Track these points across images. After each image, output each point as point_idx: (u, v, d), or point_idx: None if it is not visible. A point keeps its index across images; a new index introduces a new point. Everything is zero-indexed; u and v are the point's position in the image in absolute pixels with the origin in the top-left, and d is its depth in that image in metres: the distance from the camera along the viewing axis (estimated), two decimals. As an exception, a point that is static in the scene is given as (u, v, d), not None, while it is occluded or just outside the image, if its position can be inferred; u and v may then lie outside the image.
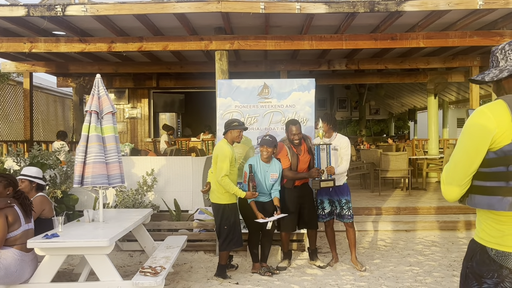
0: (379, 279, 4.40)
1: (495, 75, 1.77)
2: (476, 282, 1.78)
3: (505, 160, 1.63)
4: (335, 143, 4.74)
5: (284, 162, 4.64)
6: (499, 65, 1.81)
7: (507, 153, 1.63)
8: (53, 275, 3.36)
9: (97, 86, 4.04)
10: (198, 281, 4.38)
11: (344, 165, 4.66)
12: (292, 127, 4.61)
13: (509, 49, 1.77)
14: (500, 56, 1.81)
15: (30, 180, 4.07)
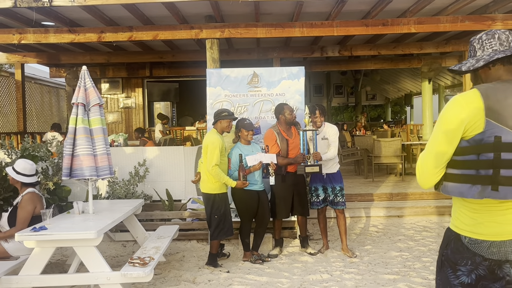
0: (368, 265, 4.45)
1: (472, 65, 1.79)
2: (451, 269, 1.81)
3: (476, 148, 1.65)
4: (325, 130, 4.77)
5: (274, 148, 4.66)
6: (476, 54, 1.82)
7: (478, 142, 1.64)
8: (42, 267, 3.39)
9: (83, 78, 4.01)
10: (189, 270, 4.43)
11: (332, 151, 4.69)
12: (286, 109, 4.73)
13: (486, 39, 1.79)
14: (477, 46, 1.82)
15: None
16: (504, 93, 1.64)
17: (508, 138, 1.59)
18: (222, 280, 4.11)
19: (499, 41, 1.74)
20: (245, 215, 4.62)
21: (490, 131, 1.61)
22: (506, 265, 1.71)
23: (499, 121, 1.60)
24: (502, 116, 1.60)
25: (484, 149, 1.62)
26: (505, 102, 1.62)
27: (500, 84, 1.69)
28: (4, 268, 3.43)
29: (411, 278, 4.04)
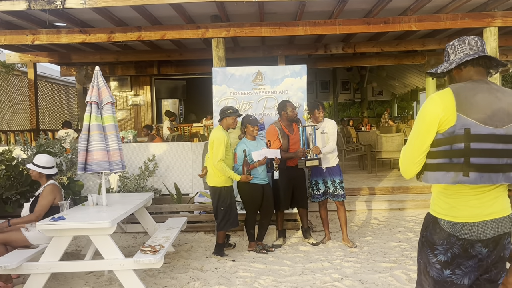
0: (367, 255, 4.66)
1: (446, 67, 2.01)
2: (430, 249, 2.03)
3: (449, 140, 1.86)
4: (324, 125, 4.98)
5: (275, 144, 4.88)
6: (450, 58, 2.04)
7: (451, 134, 1.85)
8: (61, 255, 3.65)
9: (96, 77, 4.26)
10: (197, 259, 4.67)
11: (331, 144, 4.90)
12: (289, 106, 4.94)
13: (458, 45, 2.01)
14: (450, 51, 2.04)
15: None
16: (473, 91, 1.86)
17: (477, 130, 1.81)
18: (228, 268, 4.35)
19: (469, 46, 1.95)
20: (250, 207, 4.85)
21: (460, 124, 1.82)
22: (478, 244, 1.92)
23: (468, 115, 1.81)
24: (470, 111, 1.82)
25: (456, 140, 1.84)
26: (473, 99, 1.83)
27: (470, 83, 1.90)
28: (25, 255, 3.69)
29: (407, 266, 4.24)
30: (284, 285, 3.80)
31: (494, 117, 1.81)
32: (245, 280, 3.97)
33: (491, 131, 1.81)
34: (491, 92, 1.86)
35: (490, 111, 1.82)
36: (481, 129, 1.80)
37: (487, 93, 1.86)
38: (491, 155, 1.82)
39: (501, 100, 1.85)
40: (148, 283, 3.90)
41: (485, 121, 1.81)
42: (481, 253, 1.93)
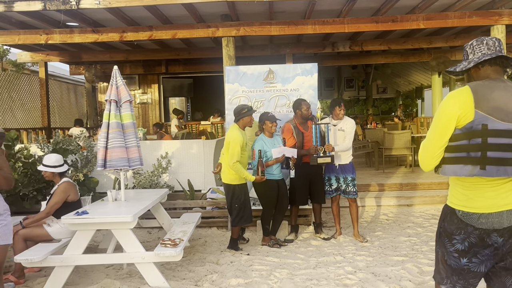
0: (378, 249, 4.77)
1: (464, 66, 2.12)
2: (448, 239, 2.14)
3: (467, 135, 1.97)
4: (342, 124, 5.08)
5: (290, 141, 4.99)
6: (468, 58, 2.14)
7: (469, 129, 1.96)
8: (84, 248, 3.78)
9: (115, 77, 4.38)
10: (212, 253, 4.79)
11: (346, 143, 5.00)
12: (304, 104, 5.04)
13: (476, 45, 2.11)
14: (469, 51, 2.15)
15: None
16: (490, 89, 1.96)
17: (493, 126, 1.91)
18: (243, 261, 4.46)
19: (487, 46, 2.05)
20: (267, 203, 4.95)
21: (478, 120, 1.92)
22: (494, 234, 2.02)
23: (485, 111, 1.92)
24: (488, 107, 1.92)
25: (473, 135, 1.94)
26: (491, 96, 1.94)
27: (488, 82, 2.01)
28: (49, 249, 3.82)
29: (418, 259, 4.35)
30: (299, 278, 3.91)
31: (511, 114, 1.92)
32: (261, 273, 4.08)
33: (508, 127, 1.91)
34: (508, 90, 1.97)
35: (506, 108, 1.92)
36: (498, 125, 1.91)
37: (504, 91, 1.96)
38: (507, 149, 1.92)
39: None
40: (167, 276, 4.02)
41: (502, 118, 1.91)
42: (496, 242, 2.04)
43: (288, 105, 5.72)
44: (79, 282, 4.03)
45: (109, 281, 3.85)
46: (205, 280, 3.93)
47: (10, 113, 9.89)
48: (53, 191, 4.29)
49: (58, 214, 4.05)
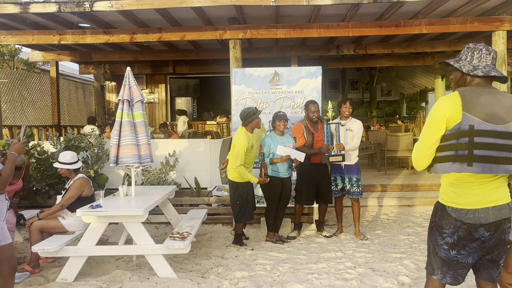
0: (378, 246, 4.95)
1: (470, 70, 2.24)
2: (438, 232, 2.33)
3: (456, 135, 2.17)
4: (350, 124, 5.26)
5: (300, 140, 5.17)
6: (473, 62, 2.26)
7: (457, 130, 2.16)
8: (97, 240, 3.98)
9: (128, 77, 4.58)
10: (218, 248, 4.99)
11: (355, 142, 5.20)
12: (311, 106, 5.20)
13: (485, 53, 2.24)
14: (475, 55, 2.25)
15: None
16: (477, 94, 2.16)
17: (479, 127, 2.12)
18: (247, 256, 4.66)
19: (492, 59, 2.23)
20: (270, 199, 5.13)
21: (465, 121, 2.12)
22: (481, 228, 2.21)
23: (472, 114, 2.12)
24: (474, 110, 2.12)
25: (461, 135, 2.14)
26: (477, 100, 2.14)
27: (475, 88, 2.21)
28: (64, 240, 4.03)
29: (416, 256, 4.52)
30: (302, 272, 4.10)
31: (495, 116, 2.11)
32: (265, 266, 4.27)
33: (493, 128, 2.10)
34: (493, 95, 2.16)
35: (491, 111, 2.11)
36: (484, 126, 2.10)
37: (490, 96, 2.15)
38: (492, 148, 2.11)
39: (501, 102, 2.15)
40: (175, 268, 4.21)
41: (487, 119, 2.11)
42: (483, 236, 2.22)
43: (293, 107, 5.92)
44: (91, 273, 4.23)
45: (120, 272, 4.05)
46: (211, 273, 4.13)
47: (21, 111, 10.13)
48: (69, 186, 4.50)
49: (72, 207, 4.26)
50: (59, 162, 4.51)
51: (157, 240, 5.34)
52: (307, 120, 5.26)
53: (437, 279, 2.36)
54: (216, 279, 3.97)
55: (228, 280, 3.92)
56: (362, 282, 3.81)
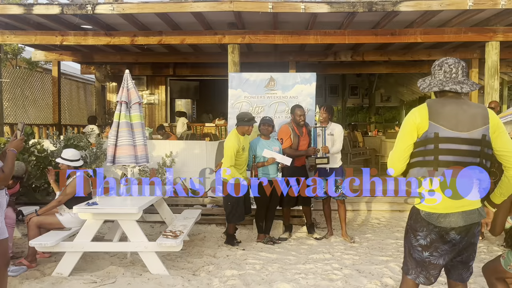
0: (366, 249, 5.08)
1: (423, 88, 2.46)
2: (413, 235, 2.47)
3: (423, 142, 2.35)
4: (332, 128, 5.42)
5: (287, 142, 5.32)
6: (434, 76, 2.44)
7: (424, 137, 2.35)
8: (93, 236, 4.12)
9: (126, 80, 4.74)
10: (210, 247, 5.12)
11: (337, 145, 5.37)
12: (297, 110, 5.36)
13: (437, 69, 2.42)
14: (432, 71, 2.48)
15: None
16: (443, 104, 2.34)
17: (444, 134, 2.29)
18: (238, 255, 4.79)
19: (444, 73, 2.39)
20: (259, 202, 5.29)
21: (431, 129, 2.30)
22: (452, 231, 2.35)
23: (437, 122, 2.30)
24: (439, 119, 2.30)
25: (428, 142, 2.32)
26: (442, 110, 2.31)
27: (443, 99, 2.39)
28: (60, 236, 4.17)
29: (402, 260, 4.63)
30: (289, 272, 4.23)
31: (459, 124, 2.28)
32: (254, 266, 4.40)
33: (457, 135, 2.27)
34: (458, 105, 2.32)
35: (456, 119, 2.28)
36: (447, 133, 2.27)
37: (455, 106, 2.32)
38: (456, 154, 2.28)
39: (466, 111, 2.31)
40: (167, 265, 4.34)
41: (451, 127, 2.28)
42: (454, 239, 2.37)
43: (287, 112, 6.05)
44: (86, 268, 4.37)
45: (114, 268, 4.19)
46: (202, 271, 4.26)
47: (22, 109, 10.29)
48: (68, 183, 4.64)
49: (70, 204, 4.40)
50: (61, 157, 4.66)
51: (151, 238, 5.45)
52: (294, 123, 5.41)
53: (411, 279, 2.50)
54: (207, 276, 4.10)
55: (218, 278, 4.05)
56: (347, 283, 3.94)
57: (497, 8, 6.21)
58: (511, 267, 2.79)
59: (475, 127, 2.29)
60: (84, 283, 3.87)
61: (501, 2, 6.14)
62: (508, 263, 2.81)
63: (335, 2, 6.24)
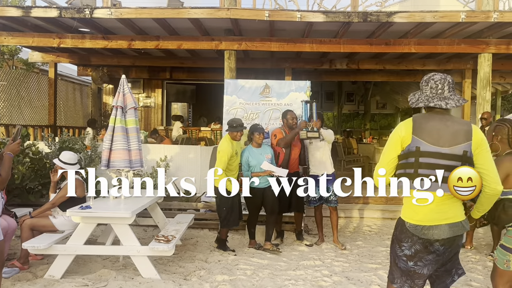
0: (356, 256, 5.15)
1: (412, 103, 2.52)
2: (398, 245, 2.54)
3: (406, 155, 2.43)
4: (323, 134, 5.49)
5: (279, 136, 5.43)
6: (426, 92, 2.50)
7: (407, 151, 2.43)
8: (85, 239, 4.16)
9: (122, 85, 4.79)
10: (202, 252, 5.17)
11: (329, 132, 5.49)
12: (289, 114, 5.48)
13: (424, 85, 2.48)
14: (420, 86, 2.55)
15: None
16: (427, 119, 2.42)
17: (425, 148, 2.37)
18: (230, 261, 4.84)
19: (430, 89, 2.46)
20: (251, 209, 5.33)
21: (414, 143, 2.38)
22: (436, 243, 2.42)
23: (420, 137, 2.38)
24: (422, 134, 2.38)
25: (410, 155, 2.40)
26: (426, 125, 2.40)
27: (428, 114, 2.47)
28: (53, 238, 4.20)
29: (391, 268, 4.71)
30: (280, 278, 4.29)
31: (441, 139, 2.35)
32: (245, 271, 4.45)
33: (437, 150, 2.34)
34: (442, 121, 2.40)
35: (437, 135, 2.36)
36: (428, 147, 2.35)
37: (438, 121, 2.40)
38: (435, 168, 2.34)
39: (449, 127, 2.38)
40: (159, 269, 4.39)
41: (432, 142, 2.36)
42: (438, 250, 2.44)
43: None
44: (78, 271, 4.40)
45: (106, 271, 4.23)
46: (194, 275, 4.31)
47: (17, 110, 10.28)
48: (63, 185, 4.68)
49: (64, 207, 4.43)
50: (59, 159, 4.70)
51: (144, 242, 5.50)
52: (286, 127, 5.49)
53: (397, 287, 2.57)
54: (198, 281, 4.15)
55: (209, 283, 4.10)
56: (336, 290, 4.01)
57: (489, 21, 6.32)
58: (507, 264, 2.88)
59: (457, 143, 2.36)
60: (76, 286, 3.90)
61: (493, 16, 6.27)
62: (503, 262, 2.90)
63: (331, 12, 6.35)
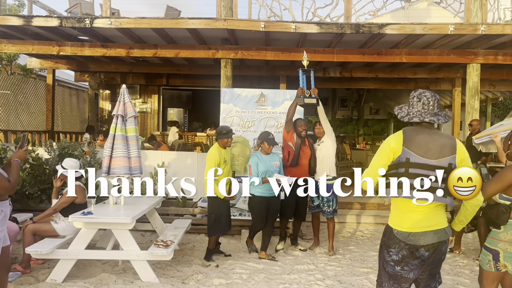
0: (348, 261, 5.32)
1: (402, 117, 2.70)
2: (386, 251, 2.71)
3: (396, 165, 2.60)
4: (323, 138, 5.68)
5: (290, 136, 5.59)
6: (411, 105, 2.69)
7: (398, 161, 2.60)
8: (87, 244, 4.30)
9: (123, 94, 4.95)
10: (199, 256, 5.32)
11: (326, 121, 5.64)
12: (300, 122, 5.65)
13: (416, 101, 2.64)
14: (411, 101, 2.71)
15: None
16: (416, 132, 2.60)
17: (414, 160, 2.54)
18: (226, 265, 4.99)
19: (423, 105, 2.61)
20: (256, 218, 5.34)
21: (404, 155, 2.55)
22: (421, 248, 2.60)
23: (410, 149, 2.55)
24: (412, 146, 2.55)
25: (400, 166, 2.57)
26: (415, 138, 2.57)
27: (418, 127, 2.64)
28: (56, 243, 4.33)
29: (382, 272, 4.89)
30: (275, 282, 4.45)
31: (429, 152, 2.53)
32: (241, 275, 4.61)
33: (426, 162, 2.52)
34: (430, 135, 2.58)
35: (426, 147, 2.54)
36: (417, 159, 2.52)
37: (427, 135, 2.58)
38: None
39: (436, 141, 2.56)
40: (158, 273, 4.53)
41: (421, 154, 2.53)
42: (423, 255, 2.61)
43: (277, 126, 6.31)
44: (79, 275, 4.53)
45: (106, 275, 4.36)
46: (191, 279, 4.45)
47: (15, 115, 10.39)
48: (65, 191, 4.81)
49: (65, 212, 4.58)
50: (62, 166, 4.83)
51: (142, 246, 5.63)
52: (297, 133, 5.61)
53: (385, 291, 2.74)
54: (195, 285, 4.30)
55: (206, 287, 4.25)
56: (328, 293, 4.17)
57: (477, 33, 6.55)
58: (489, 264, 3.05)
59: (443, 156, 2.54)
60: (78, 289, 4.04)
61: (481, 28, 6.50)
62: (485, 262, 3.08)
63: (324, 23, 6.55)
